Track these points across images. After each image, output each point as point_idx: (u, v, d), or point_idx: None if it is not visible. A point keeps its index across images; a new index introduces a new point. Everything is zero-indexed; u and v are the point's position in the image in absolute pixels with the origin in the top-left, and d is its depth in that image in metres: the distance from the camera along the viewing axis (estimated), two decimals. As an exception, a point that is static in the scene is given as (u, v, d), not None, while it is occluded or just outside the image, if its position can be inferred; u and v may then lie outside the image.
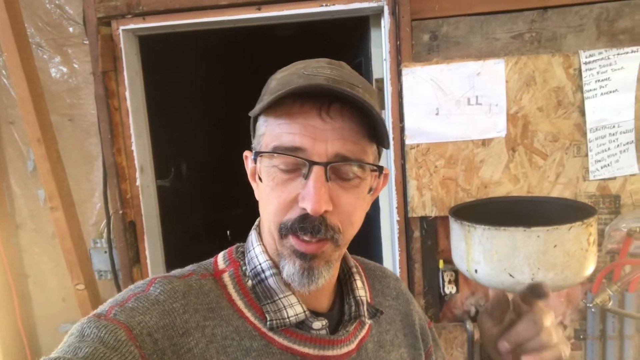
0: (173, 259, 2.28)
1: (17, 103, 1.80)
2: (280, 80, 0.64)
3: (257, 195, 0.71)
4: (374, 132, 0.64)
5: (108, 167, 2.00)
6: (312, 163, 0.60)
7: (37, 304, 2.26)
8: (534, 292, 0.67)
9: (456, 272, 1.89)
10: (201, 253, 0.87)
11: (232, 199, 4.80)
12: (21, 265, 2.23)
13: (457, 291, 1.90)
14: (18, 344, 2.22)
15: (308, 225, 0.61)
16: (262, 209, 0.68)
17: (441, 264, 1.91)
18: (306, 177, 0.61)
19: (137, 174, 2.03)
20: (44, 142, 1.78)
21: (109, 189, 2.03)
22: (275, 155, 0.62)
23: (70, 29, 2.05)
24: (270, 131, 0.64)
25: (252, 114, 0.67)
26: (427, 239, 1.91)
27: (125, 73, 1.96)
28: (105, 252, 2.10)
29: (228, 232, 4.81)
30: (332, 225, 0.62)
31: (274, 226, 0.64)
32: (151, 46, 2.14)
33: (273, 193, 0.64)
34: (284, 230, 0.63)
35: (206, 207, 4.50)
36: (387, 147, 0.68)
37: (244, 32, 2.11)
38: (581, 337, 1.85)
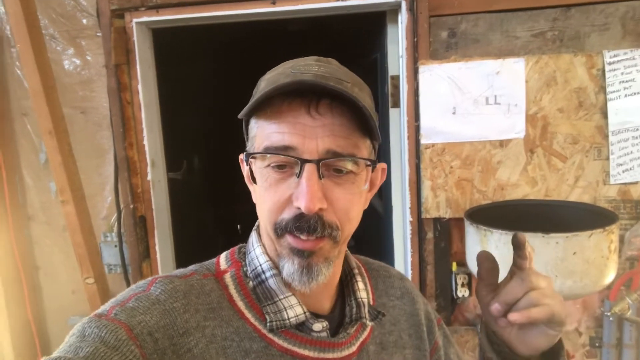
0: (183, 254, 2.27)
1: (30, 95, 1.79)
2: (269, 81, 0.64)
3: (254, 198, 0.71)
4: (366, 127, 0.63)
5: (119, 160, 1.99)
6: (304, 161, 0.60)
7: (47, 295, 2.26)
8: (514, 244, 0.66)
9: (469, 275, 1.85)
10: (211, 248, 0.85)
11: (243, 194, 4.78)
12: (32, 257, 2.24)
13: (470, 294, 1.86)
14: (27, 334, 2.22)
15: (304, 225, 0.60)
16: (259, 210, 0.68)
17: (454, 266, 1.87)
18: (299, 175, 0.60)
19: (149, 169, 2.01)
20: (55, 135, 1.77)
21: (120, 183, 2.02)
22: (266, 155, 0.62)
23: (84, 21, 2.03)
24: (261, 132, 0.64)
25: (240, 115, 0.66)
26: (441, 241, 1.87)
27: (138, 66, 1.94)
28: (116, 246, 2.09)
29: (239, 226, 4.81)
30: (329, 223, 0.62)
31: (270, 227, 0.64)
32: (163, 39, 2.12)
33: (267, 194, 0.64)
34: (280, 230, 0.63)
35: (217, 201, 4.50)
36: (379, 141, 0.68)
37: (258, 26, 2.08)
38: (597, 345, 1.81)
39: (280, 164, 0.62)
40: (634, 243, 1.71)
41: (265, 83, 0.64)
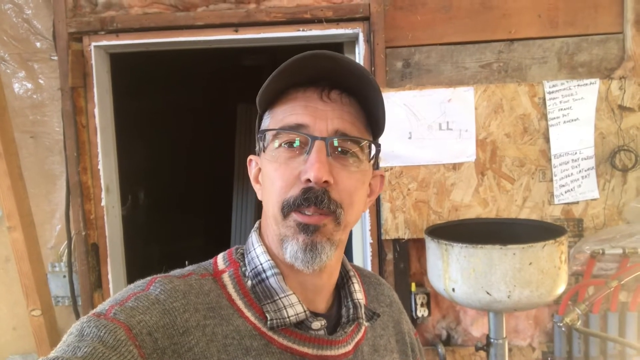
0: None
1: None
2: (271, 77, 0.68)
3: (259, 197, 0.74)
4: (369, 120, 0.71)
5: (72, 186, 1.92)
6: (314, 138, 0.65)
7: (-16, 333, 2.10)
8: None
9: (428, 294, 1.90)
10: None
11: (190, 230, 4.68)
12: (-32, 292, 2.08)
13: (429, 314, 1.90)
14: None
15: (312, 196, 0.63)
16: (266, 196, 0.70)
17: (413, 286, 1.92)
18: (308, 152, 0.65)
19: (103, 194, 1.95)
20: (5, 157, 1.70)
21: (71, 209, 1.94)
22: (279, 134, 0.67)
23: (38, 44, 1.99)
24: (274, 119, 0.70)
25: (259, 99, 0.70)
26: (400, 262, 1.91)
27: (95, 90, 1.91)
28: (64, 276, 1.98)
29: (187, 262, 4.67)
30: (334, 199, 0.65)
31: (277, 207, 0.66)
32: (118, 67, 2.10)
33: (276, 173, 0.67)
34: (287, 209, 0.65)
35: (163, 237, 4.37)
36: (382, 126, 0.72)
37: (212, 59, 2.11)
38: (549, 359, 1.88)
39: (292, 142, 0.66)
40: (578, 259, 1.82)
41: (269, 78, 0.67)
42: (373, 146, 0.72)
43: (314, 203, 0.63)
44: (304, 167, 0.64)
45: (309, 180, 0.63)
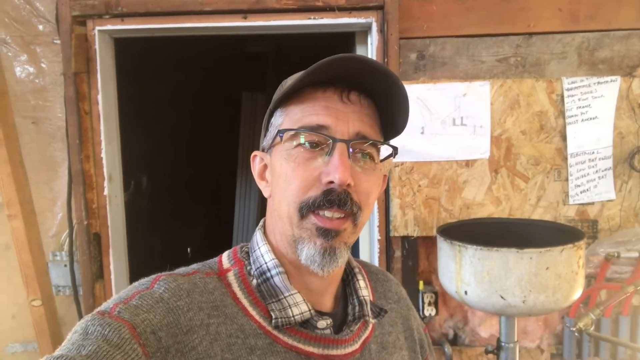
0: (138, 276, 2.14)
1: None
2: (302, 73, 0.67)
3: (265, 194, 0.73)
4: (382, 121, 0.71)
5: (74, 174, 1.87)
6: (336, 140, 0.64)
7: (-16, 321, 2.06)
8: None
9: (436, 293, 1.86)
10: (161, 271, 0.81)
11: (193, 218, 4.64)
12: (-33, 279, 2.04)
13: (437, 313, 1.86)
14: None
15: (335, 198, 0.63)
16: (280, 195, 0.68)
17: (421, 285, 1.88)
18: (330, 153, 0.64)
19: (105, 183, 1.90)
20: (5, 144, 1.65)
21: (73, 197, 1.89)
22: (298, 134, 0.66)
23: (40, 27, 1.93)
24: (290, 117, 0.68)
25: (276, 97, 0.70)
26: (408, 259, 1.87)
27: (98, 75, 1.85)
28: (65, 265, 1.94)
29: (189, 249, 4.64)
30: (355, 201, 0.65)
31: (293, 207, 0.65)
32: (123, 52, 2.04)
33: (295, 173, 0.66)
34: (306, 209, 0.64)
35: (165, 224, 4.33)
36: (401, 130, 0.72)
37: (215, 46, 2.04)
38: (558, 361, 1.85)
39: (313, 143, 0.66)
40: (592, 261, 1.78)
41: (294, 79, 0.67)
42: (384, 147, 0.72)
43: (337, 205, 0.63)
44: (325, 169, 0.64)
45: (331, 182, 0.63)
